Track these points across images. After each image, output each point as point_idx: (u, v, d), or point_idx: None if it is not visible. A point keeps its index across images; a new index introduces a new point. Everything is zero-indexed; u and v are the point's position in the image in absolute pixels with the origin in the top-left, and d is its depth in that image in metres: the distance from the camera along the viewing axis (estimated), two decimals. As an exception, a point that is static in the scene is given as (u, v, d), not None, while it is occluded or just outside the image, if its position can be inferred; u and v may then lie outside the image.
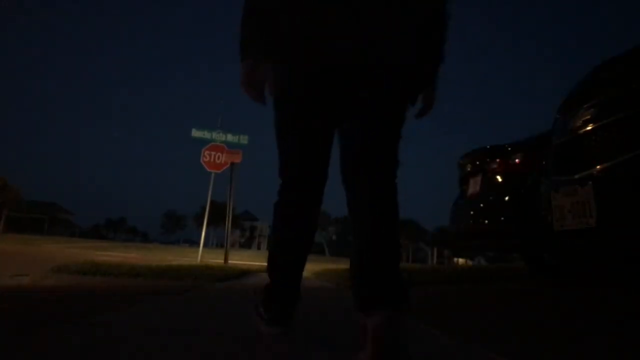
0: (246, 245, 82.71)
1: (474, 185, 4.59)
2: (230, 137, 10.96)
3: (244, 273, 7.52)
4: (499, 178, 4.31)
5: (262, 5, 1.54)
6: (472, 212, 4.60)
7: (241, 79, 1.58)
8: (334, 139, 1.63)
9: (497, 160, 4.33)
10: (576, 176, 2.38)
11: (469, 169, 4.80)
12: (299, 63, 1.48)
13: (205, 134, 10.92)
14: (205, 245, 11.96)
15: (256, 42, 1.55)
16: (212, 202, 11.12)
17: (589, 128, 2.36)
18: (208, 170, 10.52)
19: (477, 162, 4.64)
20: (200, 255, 10.77)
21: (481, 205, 4.43)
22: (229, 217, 11.65)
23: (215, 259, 13.79)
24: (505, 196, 4.22)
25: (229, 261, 10.54)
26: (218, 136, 10.88)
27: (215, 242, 69.93)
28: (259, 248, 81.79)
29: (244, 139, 11.08)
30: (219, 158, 10.48)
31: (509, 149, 4.30)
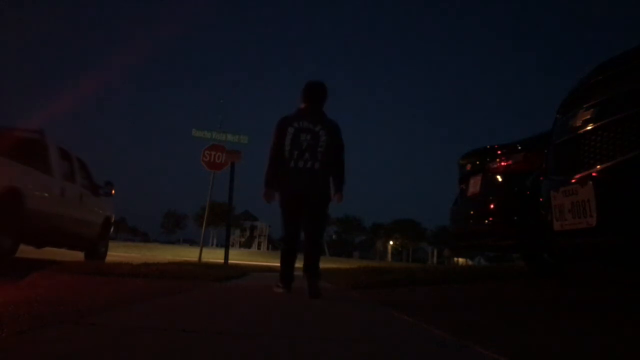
0: (246, 245, 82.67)
1: (474, 185, 4.59)
2: (230, 137, 10.93)
3: (244, 273, 7.53)
4: (499, 178, 4.30)
5: (274, 170, 3.93)
6: (472, 212, 4.60)
7: (264, 194, 3.94)
8: (301, 219, 3.93)
9: (497, 160, 4.33)
10: (576, 176, 2.38)
11: (468, 169, 4.80)
12: (283, 192, 3.89)
13: (206, 134, 10.91)
14: (205, 245, 11.96)
15: (271, 182, 3.93)
16: (212, 202, 11.11)
17: (589, 128, 2.36)
18: (208, 170, 10.52)
19: (477, 162, 4.64)
20: (201, 255, 10.76)
21: (481, 205, 4.43)
22: (229, 217, 11.64)
23: (216, 258, 13.80)
24: (505, 196, 4.21)
25: (229, 261, 10.53)
26: (218, 136, 10.86)
27: (216, 242, 69.93)
28: (259, 248, 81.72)
29: (244, 139, 11.06)
30: (219, 158, 10.46)
31: (509, 148, 4.30)
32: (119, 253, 15.76)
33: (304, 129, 3.82)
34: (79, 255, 7.72)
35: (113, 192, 8.25)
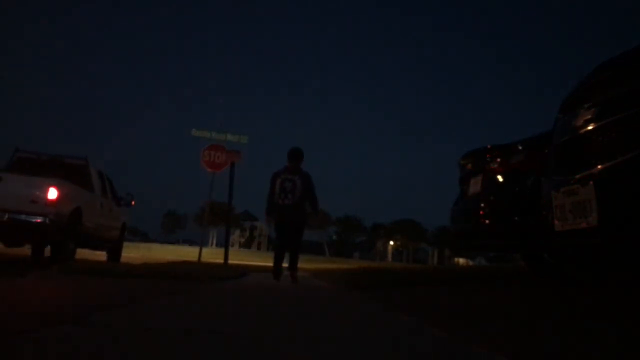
0: (246, 245, 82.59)
1: (475, 185, 4.58)
2: (230, 137, 10.93)
3: (243, 273, 7.53)
4: (499, 178, 4.30)
5: (270, 204, 6.09)
6: (472, 212, 4.60)
7: (266, 220, 6.45)
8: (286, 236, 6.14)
9: (498, 159, 4.32)
10: (577, 176, 2.37)
11: (469, 169, 4.80)
12: (277, 220, 6.06)
13: (205, 134, 10.91)
14: (205, 245, 11.96)
15: (269, 211, 6.14)
16: (212, 202, 11.10)
17: (590, 127, 2.36)
18: (208, 170, 10.51)
19: (478, 162, 4.63)
20: (200, 255, 10.77)
21: (481, 205, 4.42)
22: (229, 217, 11.64)
23: (215, 258, 13.80)
24: (506, 196, 4.21)
25: (229, 261, 10.53)
26: (218, 136, 10.85)
27: (215, 242, 69.90)
28: (258, 248, 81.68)
29: (244, 139, 11.06)
30: (219, 158, 10.46)
31: (510, 148, 4.29)
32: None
33: (287, 179, 6.00)
34: (101, 256, 9.39)
35: (133, 203, 9.91)
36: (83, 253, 8.62)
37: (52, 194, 6.57)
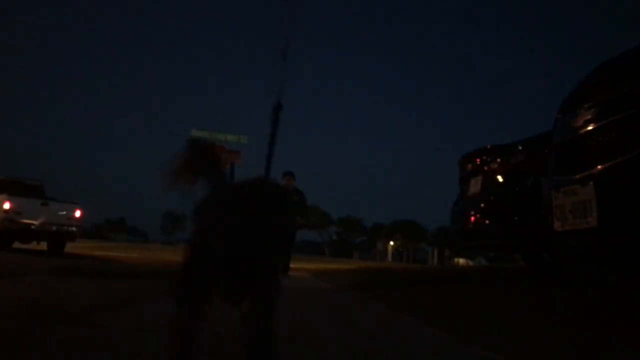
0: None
1: (475, 185, 4.58)
2: (230, 137, 10.93)
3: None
4: (499, 178, 4.30)
5: None
6: (472, 212, 4.60)
7: None
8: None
9: (497, 160, 4.33)
10: (577, 176, 2.37)
11: (469, 169, 4.80)
12: None
13: (205, 134, 10.90)
14: (205, 245, 11.98)
15: None
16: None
17: (589, 128, 2.36)
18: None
19: (478, 162, 4.64)
20: (200, 256, 10.77)
21: (481, 205, 4.43)
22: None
23: (216, 259, 13.74)
24: (506, 196, 4.21)
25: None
26: (218, 136, 10.85)
27: (215, 243, 69.63)
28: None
29: (244, 139, 11.06)
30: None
31: (510, 148, 4.30)
32: (120, 254, 15.76)
33: None
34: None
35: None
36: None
37: (78, 213, 11.44)
